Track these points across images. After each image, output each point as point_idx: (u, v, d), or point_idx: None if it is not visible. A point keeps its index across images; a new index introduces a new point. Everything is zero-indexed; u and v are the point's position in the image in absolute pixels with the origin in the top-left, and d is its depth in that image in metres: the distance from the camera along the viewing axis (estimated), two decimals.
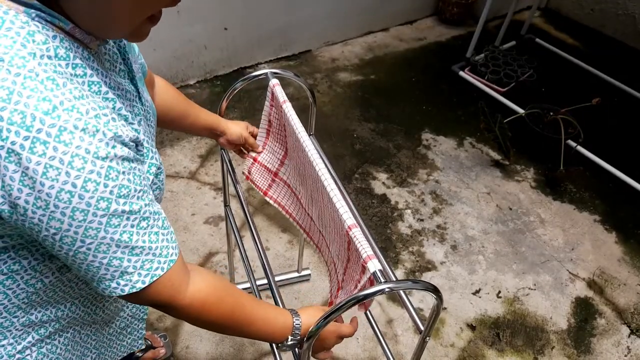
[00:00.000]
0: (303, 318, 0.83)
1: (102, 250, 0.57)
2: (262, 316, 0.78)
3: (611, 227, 2.19)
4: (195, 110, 1.09)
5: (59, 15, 0.53)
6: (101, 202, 0.54)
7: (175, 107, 1.04)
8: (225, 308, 0.73)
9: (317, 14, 2.90)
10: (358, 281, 0.83)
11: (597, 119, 2.67)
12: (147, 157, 0.67)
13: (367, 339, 1.71)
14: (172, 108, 1.03)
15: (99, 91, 0.58)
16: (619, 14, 3.31)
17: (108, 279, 0.60)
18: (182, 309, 0.68)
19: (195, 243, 1.96)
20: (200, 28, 2.54)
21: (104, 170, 0.53)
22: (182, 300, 0.67)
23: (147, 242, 0.60)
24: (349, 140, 2.48)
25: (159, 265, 0.62)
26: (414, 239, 2.06)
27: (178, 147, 2.35)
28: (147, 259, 0.61)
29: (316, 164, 0.92)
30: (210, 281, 0.72)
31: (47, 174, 0.50)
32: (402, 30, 3.31)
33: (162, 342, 1.60)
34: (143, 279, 0.61)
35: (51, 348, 0.76)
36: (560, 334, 1.80)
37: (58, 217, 0.53)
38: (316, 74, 2.87)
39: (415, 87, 2.86)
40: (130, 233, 0.58)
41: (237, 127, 1.18)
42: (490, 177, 2.36)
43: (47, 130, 0.49)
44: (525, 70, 2.89)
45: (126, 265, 0.60)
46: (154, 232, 0.61)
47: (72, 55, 0.55)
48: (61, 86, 0.51)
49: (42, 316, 0.72)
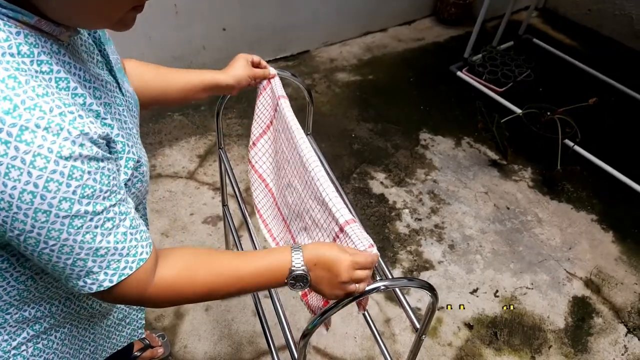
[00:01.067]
0: (305, 251, 0.74)
1: (66, 251, 0.57)
2: (252, 271, 0.72)
3: (608, 226, 2.19)
4: (183, 77, 1.01)
5: (21, 10, 0.52)
6: (63, 203, 0.53)
7: (155, 83, 0.99)
8: (200, 283, 0.69)
9: (315, 14, 2.91)
10: None
11: (594, 118, 2.68)
12: (124, 152, 0.65)
13: (364, 338, 1.72)
14: (151, 86, 0.98)
15: (67, 87, 0.57)
16: (616, 14, 3.32)
17: (75, 278, 0.60)
18: (151, 300, 0.67)
19: (193, 243, 1.96)
20: (199, 29, 2.55)
21: (67, 170, 0.52)
22: (150, 292, 0.66)
23: (112, 242, 0.59)
24: (347, 140, 2.49)
25: (126, 264, 0.62)
26: (411, 238, 2.06)
27: (177, 147, 2.35)
28: (113, 259, 0.60)
29: (312, 162, 0.92)
30: (179, 263, 0.69)
31: (9, 175, 0.49)
32: (400, 31, 3.32)
33: (160, 342, 1.61)
34: (110, 278, 0.61)
35: (47, 343, 0.77)
36: (557, 333, 1.81)
37: (21, 218, 0.52)
38: (314, 74, 2.88)
39: (413, 87, 2.87)
40: (94, 234, 0.57)
41: (237, 71, 1.06)
42: (488, 177, 2.37)
43: (8, 130, 0.48)
44: (523, 70, 2.90)
45: (91, 266, 0.59)
46: (121, 232, 0.60)
47: (37, 51, 0.54)
48: (23, 84, 0.50)
49: (35, 312, 0.72)
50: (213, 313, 1.75)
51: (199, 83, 1.01)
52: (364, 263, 0.74)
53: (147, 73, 0.97)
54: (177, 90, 1.00)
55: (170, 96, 1.00)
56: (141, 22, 2.58)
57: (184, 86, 1.00)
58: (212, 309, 1.77)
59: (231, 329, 1.72)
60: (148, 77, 0.97)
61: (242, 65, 1.06)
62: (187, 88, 1.00)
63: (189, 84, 1.00)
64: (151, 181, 2.18)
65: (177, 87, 1.00)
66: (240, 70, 1.05)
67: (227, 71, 1.05)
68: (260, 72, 1.10)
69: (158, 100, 0.99)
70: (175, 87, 1.00)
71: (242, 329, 1.72)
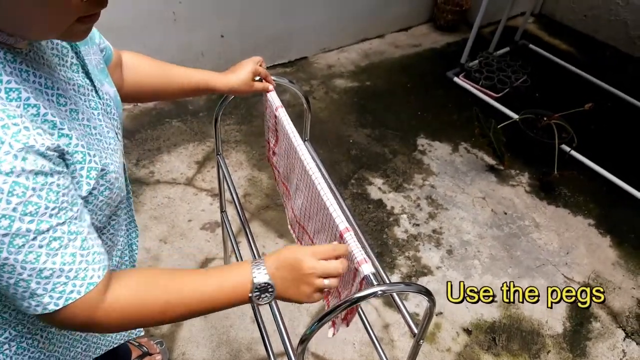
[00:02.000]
0: (267, 261, 0.72)
1: (7, 270, 0.54)
2: (213, 288, 0.69)
3: (605, 231, 2.20)
4: (181, 76, 0.99)
5: None
6: (2, 221, 0.51)
7: (150, 80, 0.98)
8: (154, 304, 0.66)
9: (313, 21, 2.92)
10: (352, 285, 0.84)
11: (590, 123, 2.69)
12: (84, 162, 0.61)
13: (363, 344, 1.72)
14: (146, 82, 0.97)
15: (19, 98, 0.54)
16: (612, 19, 3.35)
17: (19, 298, 0.57)
18: (101, 324, 0.63)
19: (191, 249, 1.96)
20: (198, 35, 2.56)
21: (7, 186, 0.50)
22: (99, 315, 0.62)
23: (58, 263, 0.56)
24: (345, 145, 2.49)
25: (74, 288, 0.58)
26: (409, 243, 2.07)
27: (175, 153, 2.36)
28: (59, 281, 0.57)
29: (310, 168, 0.93)
30: (132, 282, 0.66)
31: None
32: (398, 37, 3.34)
33: (158, 349, 1.60)
34: (56, 302, 0.58)
35: (32, 342, 0.75)
36: (555, 337, 1.81)
37: None
38: (312, 81, 2.89)
39: (410, 93, 2.88)
40: (38, 254, 0.54)
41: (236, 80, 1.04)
42: (485, 182, 2.38)
43: None
44: (519, 75, 2.91)
45: (35, 287, 0.56)
46: (69, 253, 0.57)
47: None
48: None
49: (16, 314, 0.70)
50: (211, 320, 1.75)
51: (194, 85, 1.00)
52: (324, 251, 0.72)
53: (144, 66, 0.96)
54: (173, 88, 1.00)
55: (165, 92, 1.00)
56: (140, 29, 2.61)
57: (180, 85, 1.00)
58: (211, 315, 1.77)
59: (230, 336, 1.71)
60: (144, 72, 0.96)
61: (243, 75, 1.05)
62: (182, 87, 1.00)
63: (184, 83, 1.00)
64: (149, 187, 2.18)
65: (173, 85, 0.99)
66: (240, 80, 1.04)
67: (227, 77, 1.03)
68: (260, 87, 1.09)
69: (153, 95, 1.00)
70: (171, 85, 0.99)
71: (240, 336, 1.72)
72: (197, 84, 1.00)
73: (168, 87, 0.99)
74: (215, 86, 1.02)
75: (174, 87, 0.99)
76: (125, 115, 2.54)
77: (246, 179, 2.26)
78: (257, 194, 2.20)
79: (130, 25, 2.28)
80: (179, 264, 1.91)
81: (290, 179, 1.13)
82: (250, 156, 2.37)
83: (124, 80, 0.95)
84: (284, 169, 1.18)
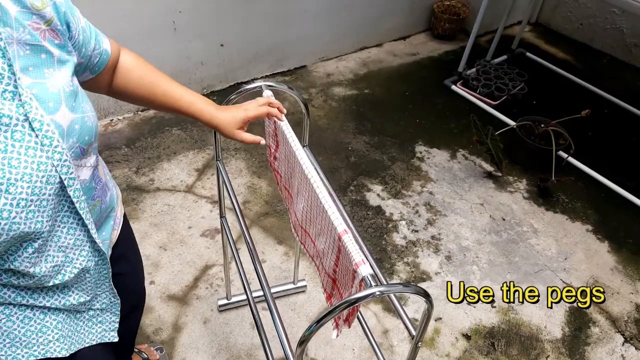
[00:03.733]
0: None
1: None
2: None
3: (603, 236, 2.21)
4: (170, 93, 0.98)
5: None
6: None
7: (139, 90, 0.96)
8: None
9: (312, 30, 2.96)
10: (351, 286, 0.85)
11: (588, 130, 2.71)
12: None
13: (363, 350, 1.72)
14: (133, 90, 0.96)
15: None
16: (607, 28, 3.38)
17: None
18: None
19: (191, 256, 1.97)
20: (198, 45, 2.59)
21: None
22: None
23: None
24: (344, 153, 2.51)
25: None
26: (408, 249, 2.08)
27: (175, 161, 2.37)
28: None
29: (308, 172, 0.95)
30: None
31: None
32: (396, 46, 3.37)
33: (158, 355, 1.61)
34: None
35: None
36: (554, 343, 1.81)
37: None
38: (311, 89, 2.92)
39: (408, 100, 2.91)
40: None
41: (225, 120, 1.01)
42: (484, 188, 2.39)
43: None
44: (517, 83, 2.94)
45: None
46: None
47: None
48: None
49: None
50: (211, 326, 1.76)
51: (180, 107, 0.99)
52: None
53: (135, 73, 0.95)
54: (159, 103, 0.99)
55: (151, 104, 1.00)
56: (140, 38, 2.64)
57: (165, 103, 0.99)
58: (211, 321, 1.77)
59: (229, 342, 1.72)
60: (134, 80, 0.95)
61: (229, 119, 1.01)
62: (167, 106, 0.99)
63: (170, 103, 0.99)
64: (149, 195, 2.20)
65: (159, 100, 0.98)
66: (224, 122, 1.01)
67: (215, 112, 1.01)
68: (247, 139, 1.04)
69: (138, 103, 1.00)
70: (157, 100, 0.98)
71: (240, 342, 1.72)
72: (184, 108, 0.99)
73: (154, 101, 0.98)
74: (201, 117, 1.01)
75: (159, 103, 0.99)
76: (125, 123, 2.56)
77: (246, 186, 2.28)
78: (256, 201, 2.21)
79: (132, 34, 2.30)
80: (179, 270, 1.92)
81: (291, 184, 1.14)
82: (249, 163, 2.39)
83: (113, 81, 0.95)
84: (285, 174, 1.19)
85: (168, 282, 1.88)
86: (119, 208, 1.01)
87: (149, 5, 2.31)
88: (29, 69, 0.68)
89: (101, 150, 2.36)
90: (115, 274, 0.97)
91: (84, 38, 0.81)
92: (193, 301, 1.83)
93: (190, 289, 1.87)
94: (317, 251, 1.05)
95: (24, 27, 0.67)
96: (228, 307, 1.81)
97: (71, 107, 0.73)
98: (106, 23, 2.17)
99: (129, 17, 2.27)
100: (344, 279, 0.91)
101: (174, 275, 1.90)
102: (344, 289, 0.93)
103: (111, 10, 2.21)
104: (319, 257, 1.05)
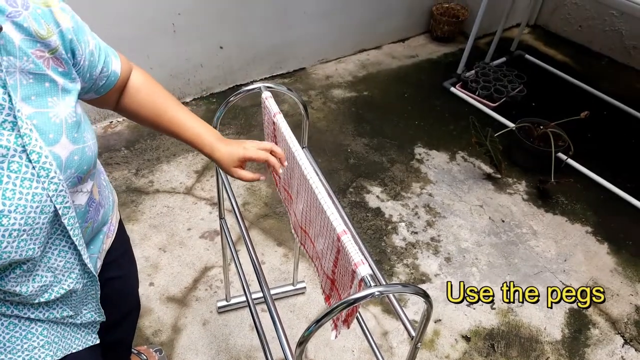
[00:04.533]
0: None
1: None
2: None
3: (603, 238, 2.21)
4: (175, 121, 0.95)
5: None
6: None
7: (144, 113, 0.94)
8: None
9: (311, 32, 2.96)
10: (350, 287, 0.85)
11: (586, 132, 2.72)
12: None
13: (362, 351, 1.72)
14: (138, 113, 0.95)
15: None
16: (606, 30, 3.39)
17: None
18: None
19: (191, 257, 1.97)
20: (197, 47, 2.59)
21: None
22: None
23: None
24: (343, 155, 2.51)
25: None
26: (408, 251, 2.07)
27: (174, 163, 2.37)
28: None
29: (307, 173, 0.95)
30: None
31: None
32: (395, 48, 3.38)
33: (157, 357, 1.61)
34: None
35: None
36: (554, 344, 1.81)
37: None
38: (310, 91, 2.92)
39: (407, 102, 2.91)
40: None
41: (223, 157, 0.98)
42: (483, 190, 2.39)
43: None
44: (515, 85, 2.94)
45: None
46: None
47: None
48: None
49: None
50: (211, 327, 1.76)
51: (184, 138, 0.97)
52: None
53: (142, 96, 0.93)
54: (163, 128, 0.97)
55: (155, 128, 0.98)
56: (140, 40, 2.64)
57: (169, 130, 0.97)
58: (210, 323, 1.77)
59: (229, 343, 1.72)
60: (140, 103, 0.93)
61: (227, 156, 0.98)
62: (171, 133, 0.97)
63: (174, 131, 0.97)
64: (148, 197, 2.20)
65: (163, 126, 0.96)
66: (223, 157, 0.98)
67: (216, 145, 0.98)
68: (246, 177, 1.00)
69: (142, 123, 0.98)
70: (162, 125, 0.96)
71: (239, 343, 1.72)
72: (187, 140, 0.97)
73: (160, 126, 0.96)
74: (202, 150, 0.98)
75: (164, 128, 0.97)
76: (125, 125, 2.56)
77: (245, 187, 2.28)
78: (256, 202, 2.21)
79: (131, 37, 2.31)
80: (178, 271, 1.92)
81: (291, 184, 1.14)
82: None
83: (120, 100, 0.93)
84: (284, 175, 1.19)
85: (167, 284, 1.88)
86: (114, 215, 1.00)
87: (149, 8, 2.31)
88: (31, 98, 0.67)
89: (101, 153, 2.36)
90: (108, 279, 0.96)
91: (90, 63, 0.78)
92: (192, 303, 1.83)
93: (189, 290, 1.87)
94: (316, 252, 1.05)
95: (28, 55, 0.66)
96: (227, 308, 1.80)
97: (72, 139, 0.72)
98: (106, 25, 2.18)
99: (128, 19, 2.27)
100: (343, 279, 0.91)
101: (173, 277, 1.90)
102: (342, 289, 0.93)
103: (111, 12, 2.21)
104: (318, 258, 1.05)
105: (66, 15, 0.71)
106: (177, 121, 0.96)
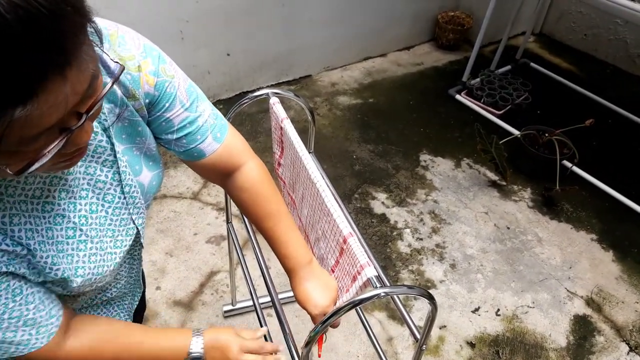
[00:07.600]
0: (205, 335, 0.83)
1: None
2: (156, 350, 0.80)
3: (608, 245, 2.21)
4: (273, 238, 0.95)
5: None
6: None
7: (243, 211, 0.96)
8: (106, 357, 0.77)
9: (317, 40, 2.99)
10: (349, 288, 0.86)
11: (592, 139, 2.72)
12: None
13: (367, 357, 1.72)
14: (240, 208, 0.96)
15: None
16: (611, 38, 3.40)
17: None
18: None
19: (197, 262, 1.98)
20: (204, 54, 2.62)
21: None
22: None
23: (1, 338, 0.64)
24: (348, 161, 2.53)
25: (17, 349, 0.67)
26: (413, 257, 2.08)
27: (181, 168, 2.40)
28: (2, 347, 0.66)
29: (314, 177, 0.96)
30: (84, 340, 0.75)
31: None
32: (400, 56, 3.40)
33: None
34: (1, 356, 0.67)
35: None
36: (559, 351, 1.81)
37: None
38: (316, 98, 2.94)
39: (413, 110, 2.93)
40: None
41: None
42: (488, 197, 2.40)
43: None
44: (521, 93, 2.95)
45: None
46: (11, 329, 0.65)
47: None
48: None
49: None
50: None
51: (277, 255, 0.97)
52: (252, 348, 0.86)
53: (245, 196, 0.91)
54: (262, 233, 0.97)
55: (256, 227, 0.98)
56: None
57: (267, 240, 0.97)
58: (217, 325, 1.78)
59: None
60: (242, 202, 0.93)
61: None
62: (269, 243, 0.97)
63: (271, 244, 0.97)
64: (155, 202, 2.22)
65: (263, 233, 0.97)
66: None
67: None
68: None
69: None
70: (261, 231, 0.97)
71: None
72: (277, 255, 0.98)
73: (258, 228, 0.97)
74: (287, 273, 0.98)
75: (261, 232, 0.97)
76: None
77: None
78: None
79: None
80: (184, 276, 1.93)
81: (296, 190, 1.16)
82: None
83: (222, 183, 0.92)
84: (289, 180, 1.21)
85: (174, 288, 1.89)
86: None
87: (157, 15, 2.34)
88: (122, 137, 0.74)
89: None
90: None
91: (166, 125, 0.79)
92: (199, 307, 1.84)
93: (195, 294, 1.88)
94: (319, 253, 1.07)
95: (127, 105, 0.73)
96: (233, 313, 1.81)
97: (148, 167, 0.79)
98: None
99: (136, 26, 2.30)
100: (342, 281, 0.92)
101: (180, 281, 1.92)
102: (342, 291, 0.94)
103: (119, 20, 2.22)
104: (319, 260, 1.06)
105: (153, 78, 0.77)
106: (272, 235, 0.95)
